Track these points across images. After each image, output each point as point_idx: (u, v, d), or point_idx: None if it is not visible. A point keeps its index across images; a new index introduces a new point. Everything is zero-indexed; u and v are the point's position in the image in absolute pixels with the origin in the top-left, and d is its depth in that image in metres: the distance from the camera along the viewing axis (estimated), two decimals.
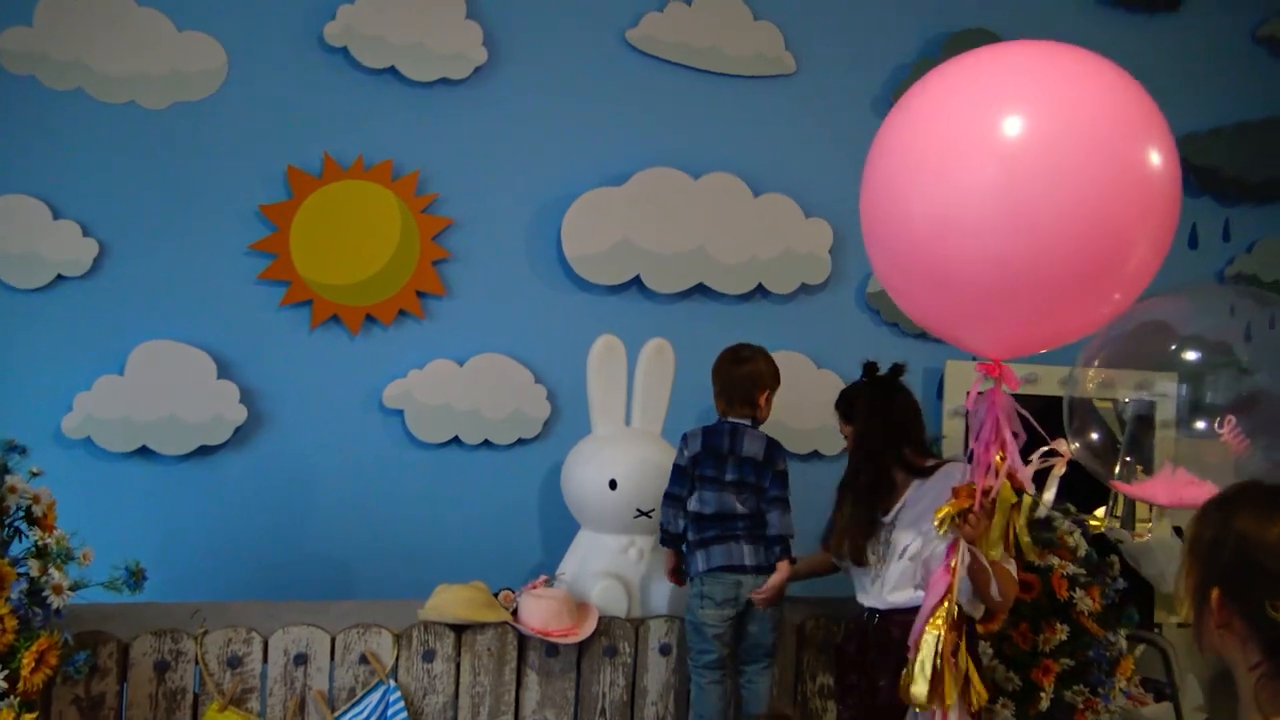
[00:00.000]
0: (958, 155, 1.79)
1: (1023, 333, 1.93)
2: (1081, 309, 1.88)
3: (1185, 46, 3.95)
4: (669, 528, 2.58)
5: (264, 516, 3.09)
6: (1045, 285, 1.82)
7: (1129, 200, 1.78)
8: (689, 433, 2.61)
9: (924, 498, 2.39)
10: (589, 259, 3.27)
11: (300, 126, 3.10)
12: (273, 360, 3.09)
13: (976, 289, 1.85)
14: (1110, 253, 1.80)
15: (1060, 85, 1.83)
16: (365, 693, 2.37)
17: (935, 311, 1.99)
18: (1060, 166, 1.72)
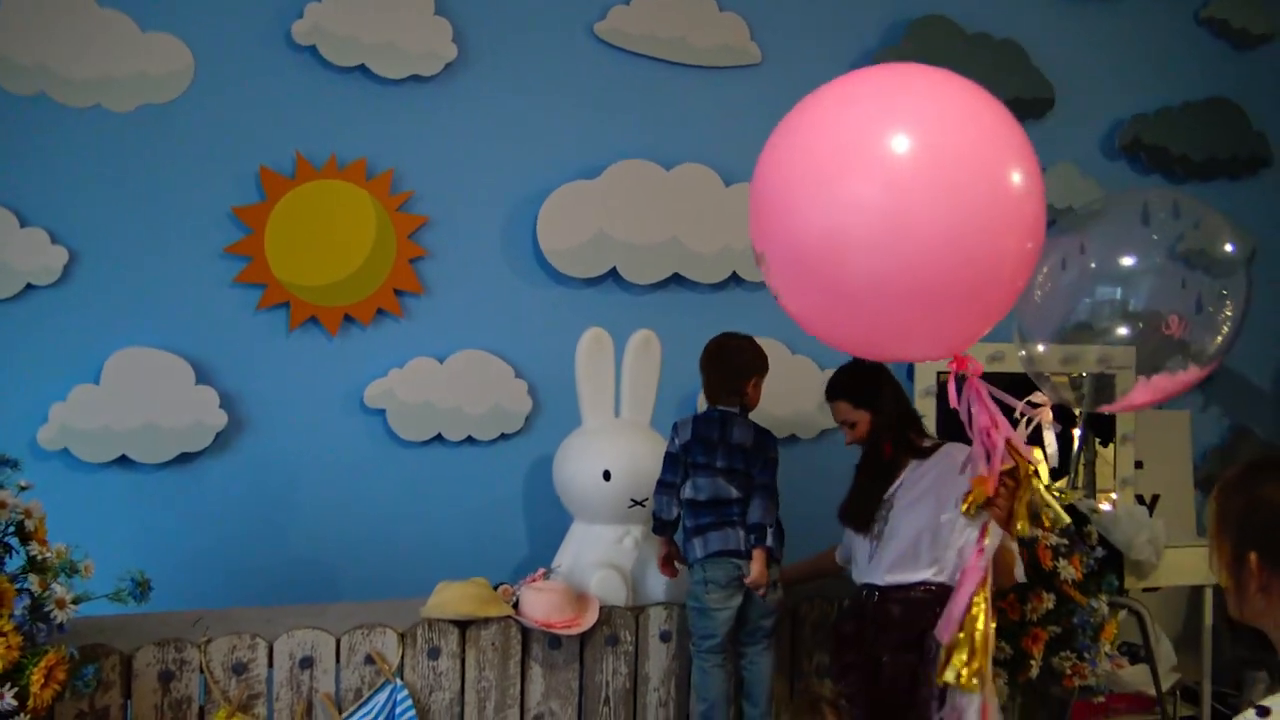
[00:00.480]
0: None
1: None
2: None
3: (1132, 29, 4.07)
4: (663, 515, 2.60)
5: (247, 522, 3.06)
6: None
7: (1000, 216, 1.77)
8: (679, 421, 2.64)
9: (923, 478, 2.45)
10: (565, 252, 3.29)
11: (271, 127, 3.07)
12: (251, 364, 3.06)
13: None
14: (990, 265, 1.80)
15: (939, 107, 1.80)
16: (372, 693, 2.37)
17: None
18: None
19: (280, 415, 3.09)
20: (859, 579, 2.53)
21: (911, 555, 2.42)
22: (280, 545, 3.09)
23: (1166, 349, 2.67)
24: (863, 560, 2.51)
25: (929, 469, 2.46)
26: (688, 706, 2.67)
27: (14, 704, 1.87)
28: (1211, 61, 4.20)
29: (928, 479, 2.44)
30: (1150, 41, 4.08)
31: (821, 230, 1.76)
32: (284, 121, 3.08)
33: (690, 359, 3.15)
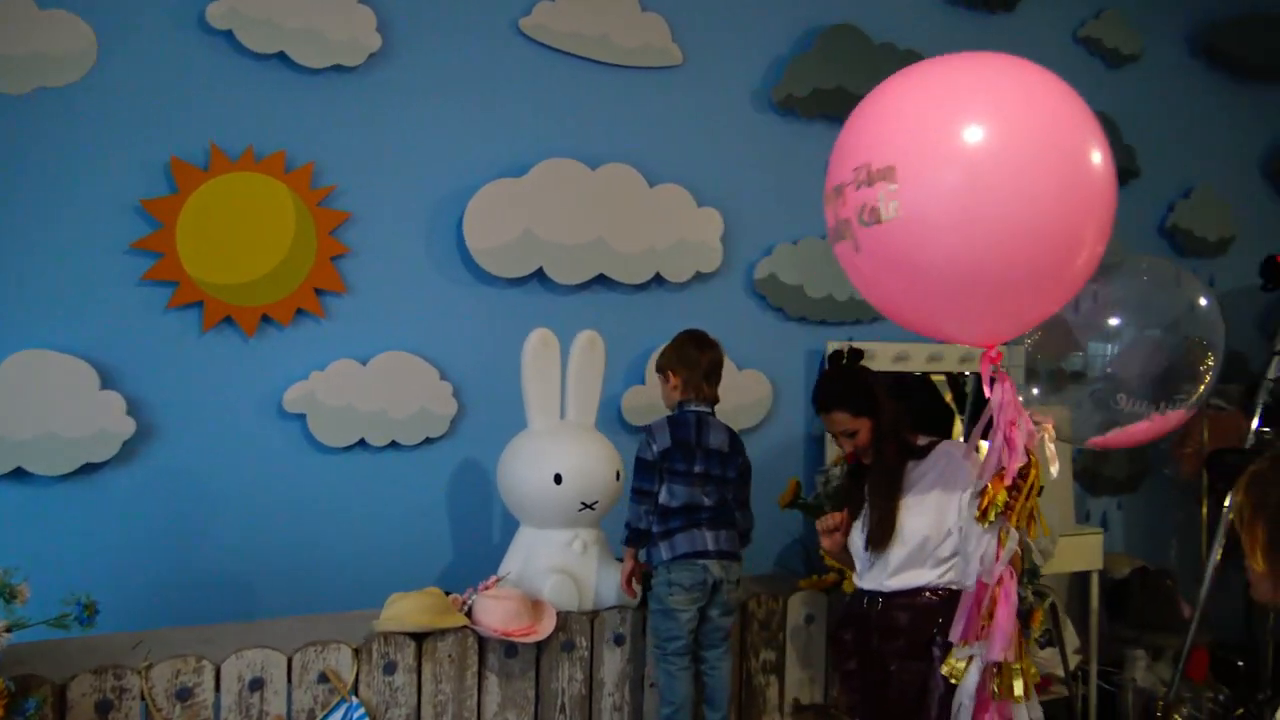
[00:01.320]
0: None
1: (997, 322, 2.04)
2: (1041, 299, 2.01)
3: (1017, 44, 4.20)
4: (640, 525, 2.58)
5: (156, 537, 2.87)
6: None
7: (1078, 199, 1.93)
8: (654, 425, 2.62)
9: (924, 478, 2.42)
10: (492, 251, 3.22)
11: (182, 115, 2.89)
12: (161, 367, 2.87)
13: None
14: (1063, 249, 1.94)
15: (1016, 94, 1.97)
16: (326, 713, 2.26)
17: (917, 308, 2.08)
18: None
19: (192, 422, 2.91)
20: (858, 583, 2.50)
21: (916, 559, 2.39)
22: (193, 561, 2.92)
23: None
24: (861, 565, 2.48)
25: (928, 469, 2.43)
26: (642, 710, 2.66)
27: None
28: (1087, 77, 4.45)
29: (928, 480, 2.42)
30: (1034, 56, 4.25)
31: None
32: (197, 110, 2.90)
33: (615, 360, 3.16)
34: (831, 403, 2.52)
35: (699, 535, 2.53)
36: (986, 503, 2.09)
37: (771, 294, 3.72)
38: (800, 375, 3.83)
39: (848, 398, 2.50)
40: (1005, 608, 2.09)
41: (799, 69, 3.72)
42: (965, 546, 2.22)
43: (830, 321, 3.84)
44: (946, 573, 2.39)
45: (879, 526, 2.40)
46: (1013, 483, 2.07)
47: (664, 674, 2.51)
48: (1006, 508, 2.08)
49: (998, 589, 2.10)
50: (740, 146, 3.68)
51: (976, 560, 2.15)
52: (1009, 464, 2.07)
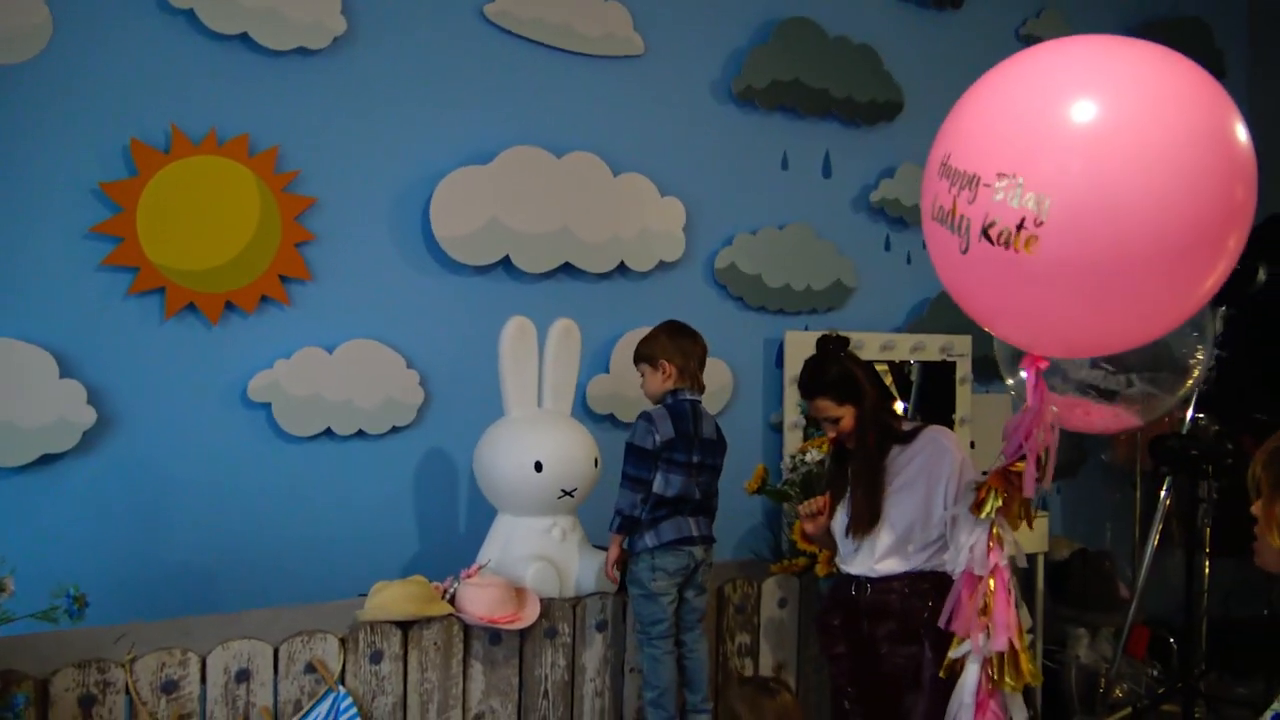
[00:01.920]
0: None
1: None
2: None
3: (964, 41, 4.38)
4: (634, 513, 2.58)
5: (117, 528, 2.80)
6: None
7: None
8: (654, 414, 2.62)
9: (910, 464, 2.46)
10: (459, 240, 3.19)
11: (142, 96, 2.81)
12: (122, 355, 2.80)
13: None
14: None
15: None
16: (313, 703, 2.24)
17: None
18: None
19: (154, 411, 2.84)
20: (844, 568, 2.53)
21: (903, 544, 2.43)
22: (155, 553, 2.85)
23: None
24: (846, 550, 2.51)
25: (915, 454, 2.47)
26: (622, 695, 2.68)
27: None
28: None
29: (915, 465, 2.45)
30: (980, 53, 4.36)
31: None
32: (157, 91, 2.83)
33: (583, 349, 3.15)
34: (816, 390, 2.55)
35: (684, 522, 2.57)
36: (985, 495, 2.13)
37: (731, 283, 3.76)
38: (759, 364, 3.88)
39: (832, 385, 2.52)
40: (1003, 599, 2.14)
41: (757, 61, 3.76)
42: (957, 536, 2.24)
43: (788, 311, 3.90)
44: (933, 556, 2.44)
45: (860, 512, 2.45)
46: (1018, 483, 2.09)
47: (649, 658, 2.53)
48: (1005, 505, 2.12)
49: (993, 580, 2.15)
50: (701, 137, 3.71)
51: (967, 550, 2.18)
52: (1026, 471, 2.08)
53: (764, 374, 3.89)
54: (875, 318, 4.14)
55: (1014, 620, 2.18)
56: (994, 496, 2.13)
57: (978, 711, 2.20)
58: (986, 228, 1.76)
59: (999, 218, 1.74)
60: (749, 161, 3.82)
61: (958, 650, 2.23)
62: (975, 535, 2.17)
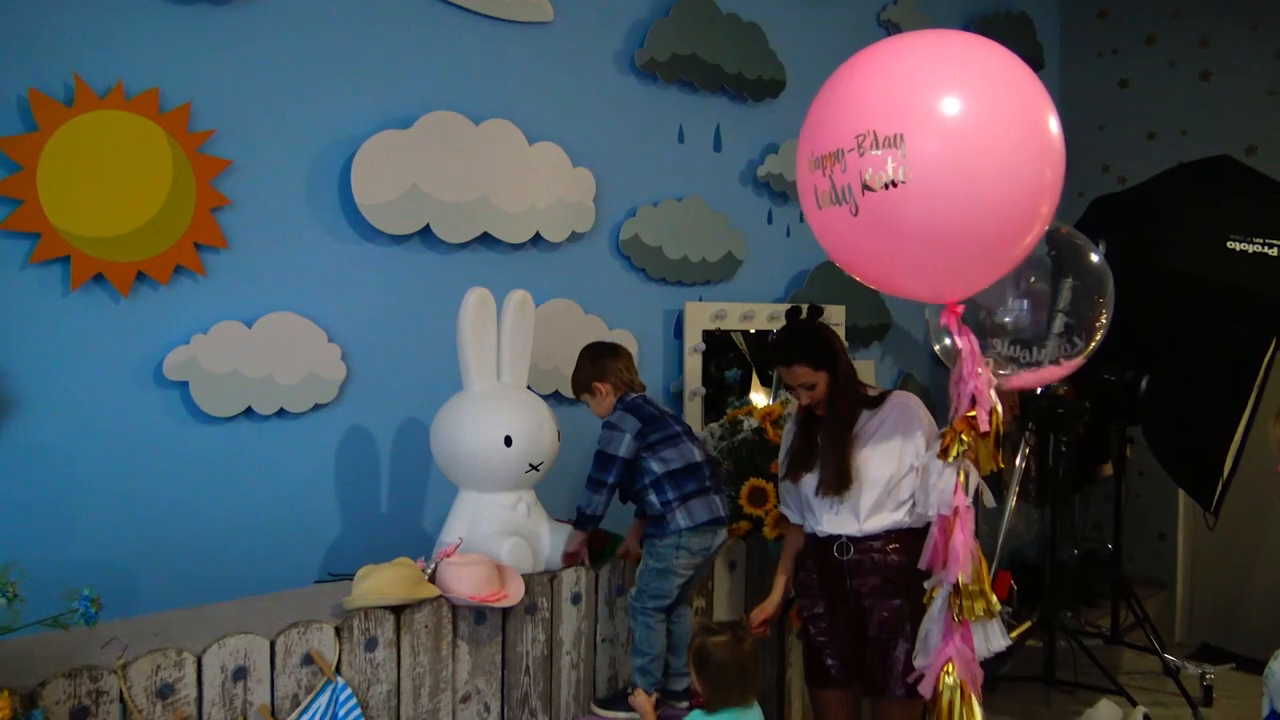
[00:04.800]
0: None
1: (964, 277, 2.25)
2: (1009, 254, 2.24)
3: (835, 21, 4.57)
4: (596, 511, 2.59)
5: (20, 523, 2.53)
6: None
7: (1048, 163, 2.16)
8: (614, 419, 2.63)
9: (882, 425, 2.59)
10: (380, 208, 3.05)
11: (40, 42, 2.52)
12: (23, 331, 2.52)
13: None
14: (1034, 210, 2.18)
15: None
16: (312, 697, 2.10)
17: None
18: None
19: (60, 392, 2.58)
20: (822, 530, 2.61)
21: (883, 503, 2.55)
22: (61, 549, 2.59)
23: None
24: (824, 512, 2.60)
25: (885, 416, 2.60)
26: (595, 666, 2.68)
27: None
28: None
29: (887, 426, 2.58)
30: (847, 37, 4.61)
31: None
32: (57, 37, 2.54)
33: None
34: (794, 356, 2.62)
35: (711, 501, 2.58)
36: (950, 441, 2.29)
37: (635, 255, 3.79)
38: (660, 334, 3.94)
39: (810, 352, 2.61)
40: (963, 535, 2.33)
41: (659, 34, 3.78)
42: (926, 480, 2.42)
43: (685, 282, 3.97)
44: (909, 513, 2.58)
45: (832, 473, 2.56)
46: (975, 424, 2.28)
47: (642, 626, 2.54)
48: (968, 448, 2.28)
49: (954, 519, 2.32)
50: (607, 107, 3.70)
51: (936, 493, 2.36)
52: (979, 409, 2.27)
53: (664, 344, 3.95)
54: (761, 289, 4.28)
55: (971, 556, 2.35)
56: (958, 442, 2.29)
57: (947, 635, 2.38)
58: (865, 181, 2.09)
59: (871, 167, 2.08)
60: (651, 134, 3.85)
61: (931, 581, 2.40)
62: (945, 479, 2.35)
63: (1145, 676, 4.37)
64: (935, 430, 2.60)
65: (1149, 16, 5.45)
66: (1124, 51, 5.54)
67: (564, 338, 3.49)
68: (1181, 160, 4.70)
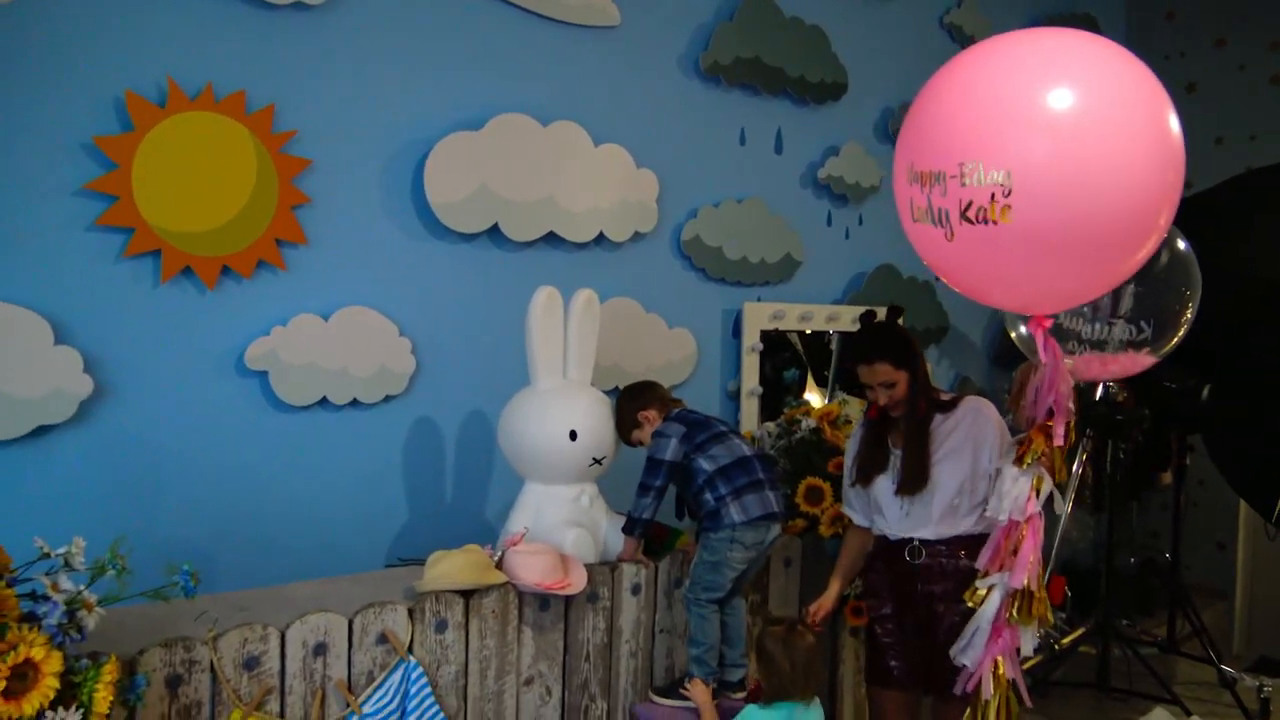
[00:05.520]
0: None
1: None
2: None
3: (897, 28, 4.60)
4: (645, 515, 2.66)
5: (110, 503, 2.65)
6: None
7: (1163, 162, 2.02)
8: (661, 429, 2.71)
9: (955, 430, 2.62)
10: (451, 206, 3.16)
11: (136, 46, 2.64)
12: (117, 321, 2.65)
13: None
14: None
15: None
16: (385, 674, 2.21)
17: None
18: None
19: (150, 380, 2.71)
20: (893, 533, 2.66)
21: (955, 508, 2.59)
22: (149, 528, 2.71)
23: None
24: (895, 515, 2.64)
25: (959, 422, 2.63)
26: (653, 654, 2.76)
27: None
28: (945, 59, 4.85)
29: (960, 432, 2.61)
30: (909, 39, 4.64)
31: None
32: (150, 41, 2.67)
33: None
34: (878, 354, 2.63)
35: (765, 497, 2.64)
36: (1026, 449, 2.31)
37: (695, 255, 3.85)
38: (718, 334, 4.00)
39: (893, 350, 2.63)
40: (1032, 541, 2.33)
41: (723, 37, 3.84)
42: (1001, 485, 2.41)
43: (744, 283, 4.03)
44: (980, 520, 2.61)
45: (911, 473, 2.60)
46: (1052, 434, 2.28)
47: (697, 617, 2.62)
48: (1043, 455, 2.30)
49: (1026, 525, 2.34)
50: (671, 110, 3.77)
51: (1010, 498, 2.36)
52: (1057, 421, 2.28)
53: (723, 344, 4.01)
54: (819, 290, 4.33)
55: (1036, 563, 2.37)
56: (1034, 449, 2.31)
57: (993, 634, 2.42)
58: (964, 210, 1.98)
59: (973, 199, 1.97)
60: (713, 136, 3.91)
61: (984, 582, 2.43)
62: (1019, 485, 2.35)
63: (1201, 687, 4.34)
64: (1008, 436, 2.62)
65: (1217, 18, 5.39)
66: (1191, 54, 5.49)
67: (625, 336, 3.58)
68: (1249, 166, 4.65)
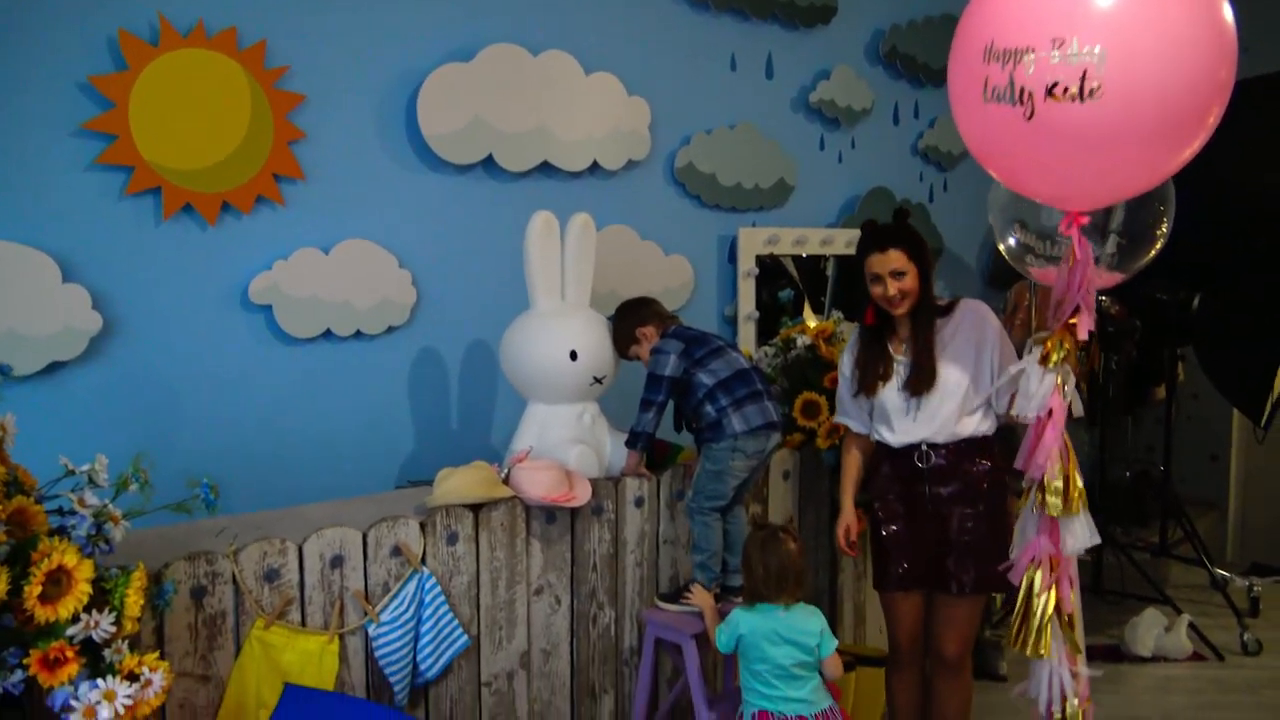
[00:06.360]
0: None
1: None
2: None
3: None
4: (647, 429, 2.72)
5: (126, 436, 2.72)
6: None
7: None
8: (660, 345, 2.77)
9: (958, 332, 2.63)
10: (445, 138, 3.19)
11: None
12: (122, 259, 2.71)
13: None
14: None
15: None
16: (401, 584, 2.30)
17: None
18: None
19: (157, 316, 2.78)
20: (898, 440, 2.67)
21: (962, 407, 2.60)
22: (165, 458, 2.72)
23: None
24: (900, 419, 2.65)
25: (959, 324, 2.64)
26: (658, 564, 2.85)
27: (111, 629, 1.65)
28: None
29: (961, 335, 2.62)
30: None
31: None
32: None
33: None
34: (893, 241, 2.60)
35: (766, 407, 2.70)
36: (1051, 348, 2.32)
37: (689, 182, 3.89)
38: (714, 260, 4.05)
39: (908, 239, 2.62)
40: (1053, 432, 2.35)
41: None
42: (1028, 385, 2.39)
43: (739, 208, 4.07)
44: (982, 421, 2.64)
45: (919, 371, 2.61)
46: (1075, 332, 2.30)
47: (701, 525, 2.71)
48: (1068, 354, 2.32)
49: (1047, 418, 2.36)
50: (661, 37, 3.78)
51: (1039, 398, 2.36)
52: (1083, 318, 2.30)
53: (718, 270, 4.06)
54: (813, 214, 4.36)
55: (1059, 451, 2.38)
56: (1059, 347, 2.33)
57: (1038, 529, 2.45)
58: (1050, 88, 1.98)
59: (1063, 77, 1.96)
60: (703, 62, 3.92)
61: (1027, 480, 2.45)
62: (1045, 383, 2.36)
63: (1193, 589, 4.46)
64: (1006, 336, 2.66)
65: None
66: None
67: (622, 263, 3.62)
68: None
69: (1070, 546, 2.40)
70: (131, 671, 1.62)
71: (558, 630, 2.66)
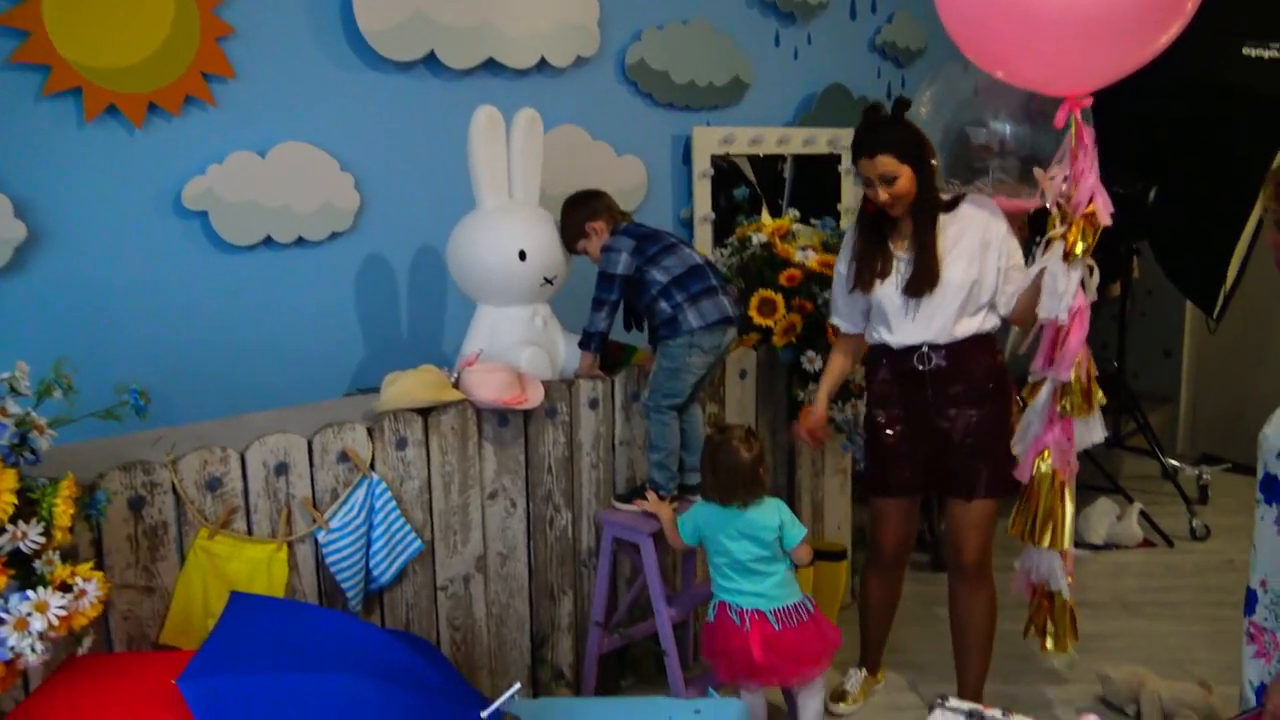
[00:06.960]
0: None
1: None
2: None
3: None
4: (600, 329, 2.67)
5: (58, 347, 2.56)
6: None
7: None
8: (610, 242, 2.69)
9: (964, 232, 2.50)
10: (384, 33, 3.05)
11: None
12: (44, 163, 2.58)
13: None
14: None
15: None
16: (350, 490, 2.26)
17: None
18: None
19: (85, 224, 2.66)
20: (897, 340, 2.56)
21: (965, 307, 2.48)
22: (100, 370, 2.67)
23: None
24: (900, 320, 2.54)
25: (966, 222, 2.51)
26: (614, 466, 2.83)
27: (41, 540, 1.60)
28: None
29: (970, 232, 2.49)
30: None
31: None
32: None
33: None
34: (879, 146, 2.44)
35: (720, 301, 2.64)
36: (1073, 243, 2.24)
37: (641, 79, 3.77)
38: (668, 160, 3.96)
39: (896, 142, 2.44)
40: (1078, 333, 2.32)
41: None
42: (1054, 285, 2.32)
43: (693, 107, 3.97)
44: (986, 319, 2.54)
45: (920, 272, 2.49)
46: (1096, 221, 2.25)
47: (658, 424, 2.67)
48: (1089, 245, 2.26)
49: (1073, 319, 2.32)
50: None
51: (1068, 297, 2.30)
52: (1099, 203, 2.24)
53: (673, 170, 3.98)
54: (769, 113, 4.27)
55: (1084, 355, 2.38)
56: (1082, 239, 2.26)
57: (1046, 426, 2.47)
58: None
59: None
60: None
61: (1035, 375, 2.45)
62: (1070, 280, 2.30)
63: (1144, 480, 4.54)
64: (1013, 235, 2.56)
65: None
66: None
67: (572, 165, 3.52)
68: None
69: (1084, 441, 2.41)
70: (64, 582, 1.57)
71: (514, 533, 2.64)
